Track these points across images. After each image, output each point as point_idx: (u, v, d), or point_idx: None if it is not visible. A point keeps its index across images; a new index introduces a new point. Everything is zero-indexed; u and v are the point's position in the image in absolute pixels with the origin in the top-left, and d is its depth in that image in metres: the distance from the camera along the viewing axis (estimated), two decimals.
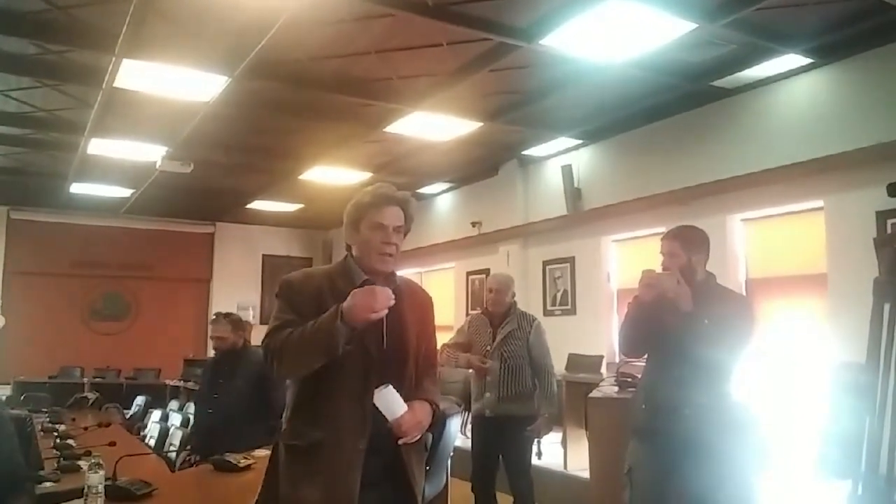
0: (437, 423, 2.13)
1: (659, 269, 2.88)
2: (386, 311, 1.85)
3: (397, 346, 2.01)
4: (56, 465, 3.52)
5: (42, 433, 5.05)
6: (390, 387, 1.88)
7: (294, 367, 1.94)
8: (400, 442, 1.92)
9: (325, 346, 1.84)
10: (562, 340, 6.56)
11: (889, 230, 4.90)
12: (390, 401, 1.87)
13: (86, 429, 4.99)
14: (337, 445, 1.89)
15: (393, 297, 1.88)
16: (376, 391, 1.87)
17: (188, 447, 4.48)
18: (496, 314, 4.16)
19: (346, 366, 1.92)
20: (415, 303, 2.13)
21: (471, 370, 4.21)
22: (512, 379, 4.01)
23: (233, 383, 4.19)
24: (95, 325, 11.57)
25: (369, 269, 2.02)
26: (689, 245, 2.87)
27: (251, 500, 2.10)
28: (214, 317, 4.44)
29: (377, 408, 1.87)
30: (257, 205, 10.85)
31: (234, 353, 4.29)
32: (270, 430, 3.70)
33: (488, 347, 4.08)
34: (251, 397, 4.09)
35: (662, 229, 3.01)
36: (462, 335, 4.31)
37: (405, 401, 1.90)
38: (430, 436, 2.16)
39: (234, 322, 4.36)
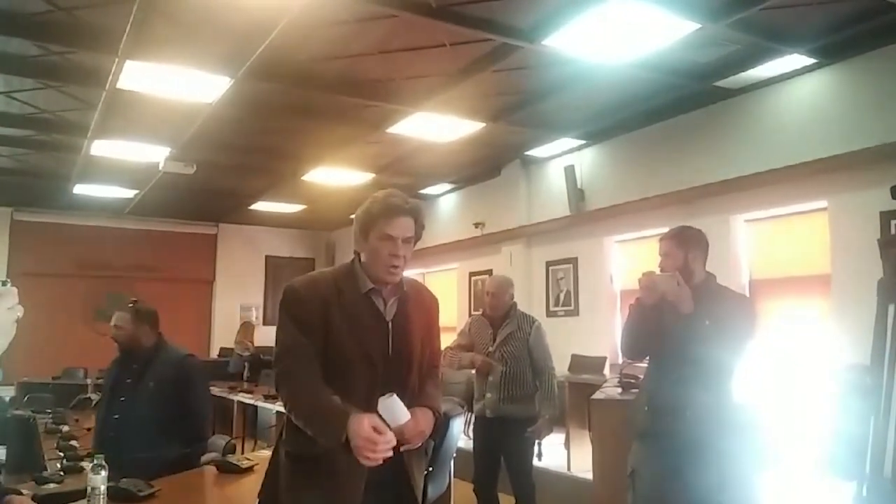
0: (439, 430, 2.12)
1: (658, 271, 2.87)
2: (381, 461, 1.80)
3: (402, 353, 2.00)
4: (59, 465, 3.52)
5: (45, 434, 5.05)
6: (395, 396, 1.87)
7: (297, 421, 1.95)
8: (402, 449, 1.92)
9: (327, 441, 1.85)
10: (565, 341, 6.57)
11: (893, 231, 4.89)
12: (394, 409, 1.85)
13: (89, 430, 4.99)
14: (341, 455, 1.88)
15: (393, 442, 1.82)
16: (381, 399, 1.86)
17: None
18: (496, 316, 4.16)
19: (351, 375, 1.92)
20: (421, 305, 2.11)
21: (474, 371, 4.21)
22: (512, 380, 4.00)
23: (141, 386, 3.46)
24: (99, 326, 11.57)
25: (376, 277, 2.00)
26: (683, 244, 2.86)
27: (253, 502, 2.10)
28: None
29: (380, 415, 1.86)
30: (260, 206, 10.86)
31: (142, 351, 3.55)
32: (185, 451, 3.36)
33: (489, 349, 4.07)
34: (163, 407, 3.40)
35: (666, 230, 3.01)
36: (463, 337, 4.31)
37: (407, 405, 1.90)
38: (431, 442, 2.14)
39: (139, 312, 3.57)
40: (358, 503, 1.87)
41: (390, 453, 1.82)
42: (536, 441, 4.36)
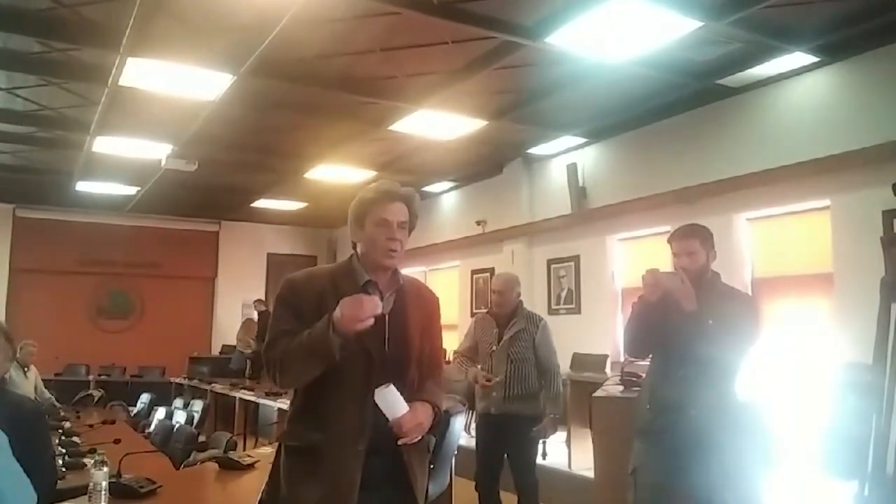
0: (439, 425, 2.11)
1: (670, 269, 2.84)
2: (372, 320, 1.83)
3: (399, 349, 2.00)
4: (61, 462, 3.53)
5: None
6: (392, 386, 1.87)
7: (295, 377, 1.97)
8: (399, 442, 1.92)
9: (321, 355, 1.85)
10: (566, 340, 6.55)
11: None
12: (391, 400, 1.86)
13: (91, 426, 5.02)
14: (336, 447, 1.89)
15: (380, 304, 1.86)
16: (377, 390, 1.86)
17: None
18: (502, 315, 4.14)
19: (347, 369, 1.92)
20: (420, 303, 2.11)
21: (477, 383, 4.18)
22: (518, 379, 3.99)
23: None
24: (101, 323, 11.61)
25: (374, 266, 2.01)
26: (706, 242, 2.85)
27: (255, 498, 2.10)
28: None
29: (378, 407, 1.87)
30: (262, 203, 10.88)
31: None
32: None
33: (494, 347, 4.06)
34: None
35: (668, 228, 3.00)
36: (469, 338, 4.29)
37: (407, 401, 1.90)
38: (432, 438, 2.13)
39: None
40: (355, 496, 1.87)
41: (379, 308, 1.84)
42: (541, 439, 4.36)
